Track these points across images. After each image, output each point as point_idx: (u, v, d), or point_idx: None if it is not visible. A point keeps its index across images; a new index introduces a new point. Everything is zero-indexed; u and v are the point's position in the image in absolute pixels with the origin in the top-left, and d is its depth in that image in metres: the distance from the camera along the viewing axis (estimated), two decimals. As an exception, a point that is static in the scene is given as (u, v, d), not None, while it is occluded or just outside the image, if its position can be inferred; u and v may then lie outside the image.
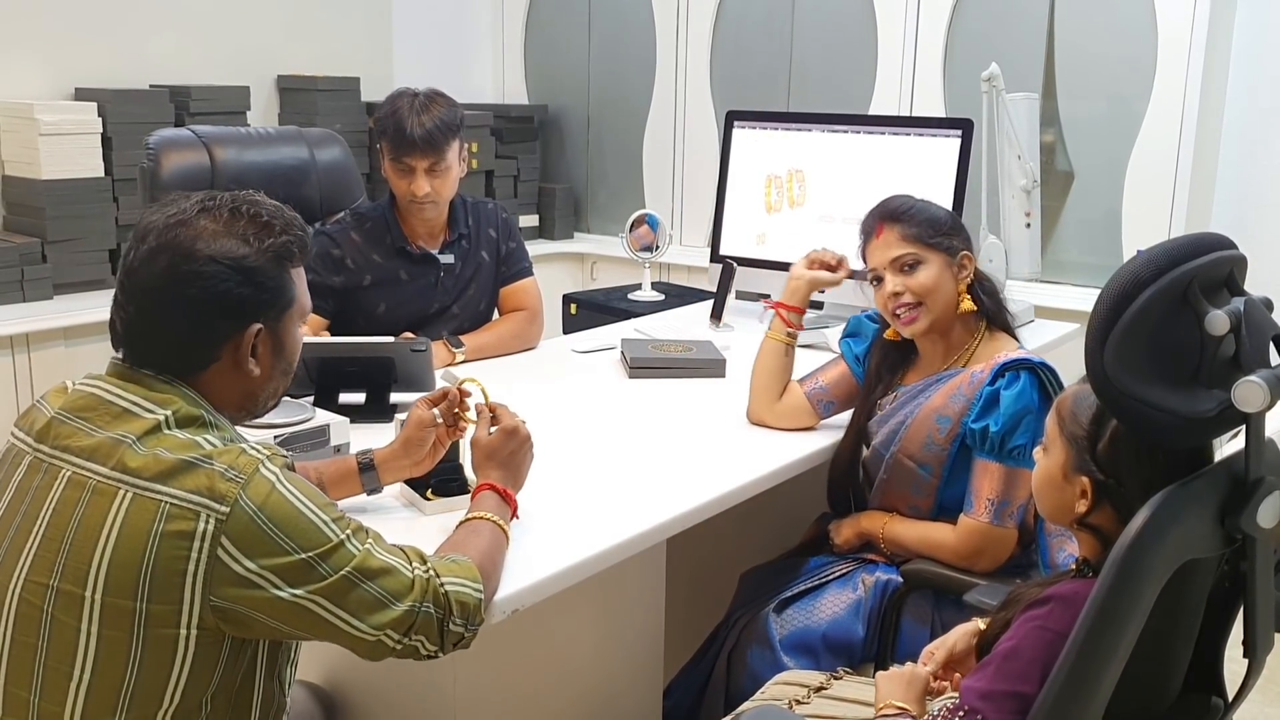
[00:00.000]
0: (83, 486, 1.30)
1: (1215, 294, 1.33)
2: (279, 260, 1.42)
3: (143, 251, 1.37)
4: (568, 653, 2.05)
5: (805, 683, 1.88)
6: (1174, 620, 1.40)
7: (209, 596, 1.27)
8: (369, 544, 1.37)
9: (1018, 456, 2.02)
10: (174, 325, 1.37)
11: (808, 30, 4.50)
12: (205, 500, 1.27)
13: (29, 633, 1.29)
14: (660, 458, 2.19)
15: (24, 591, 1.29)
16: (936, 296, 2.15)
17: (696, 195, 4.81)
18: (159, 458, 1.29)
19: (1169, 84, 3.68)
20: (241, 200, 1.43)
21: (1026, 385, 2.03)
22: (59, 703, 1.28)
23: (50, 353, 3.42)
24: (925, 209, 2.20)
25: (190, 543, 1.26)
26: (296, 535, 1.30)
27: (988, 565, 2.05)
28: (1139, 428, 1.33)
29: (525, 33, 5.32)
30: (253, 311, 1.41)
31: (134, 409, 1.34)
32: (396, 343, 2.42)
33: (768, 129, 3.47)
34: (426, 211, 2.75)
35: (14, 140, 3.68)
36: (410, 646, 1.38)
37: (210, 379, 1.41)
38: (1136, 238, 3.75)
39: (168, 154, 2.81)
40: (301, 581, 1.30)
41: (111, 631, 1.26)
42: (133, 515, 1.27)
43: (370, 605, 1.34)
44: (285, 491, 1.31)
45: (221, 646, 1.31)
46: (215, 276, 1.36)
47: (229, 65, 4.31)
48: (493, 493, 1.66)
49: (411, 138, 2.64)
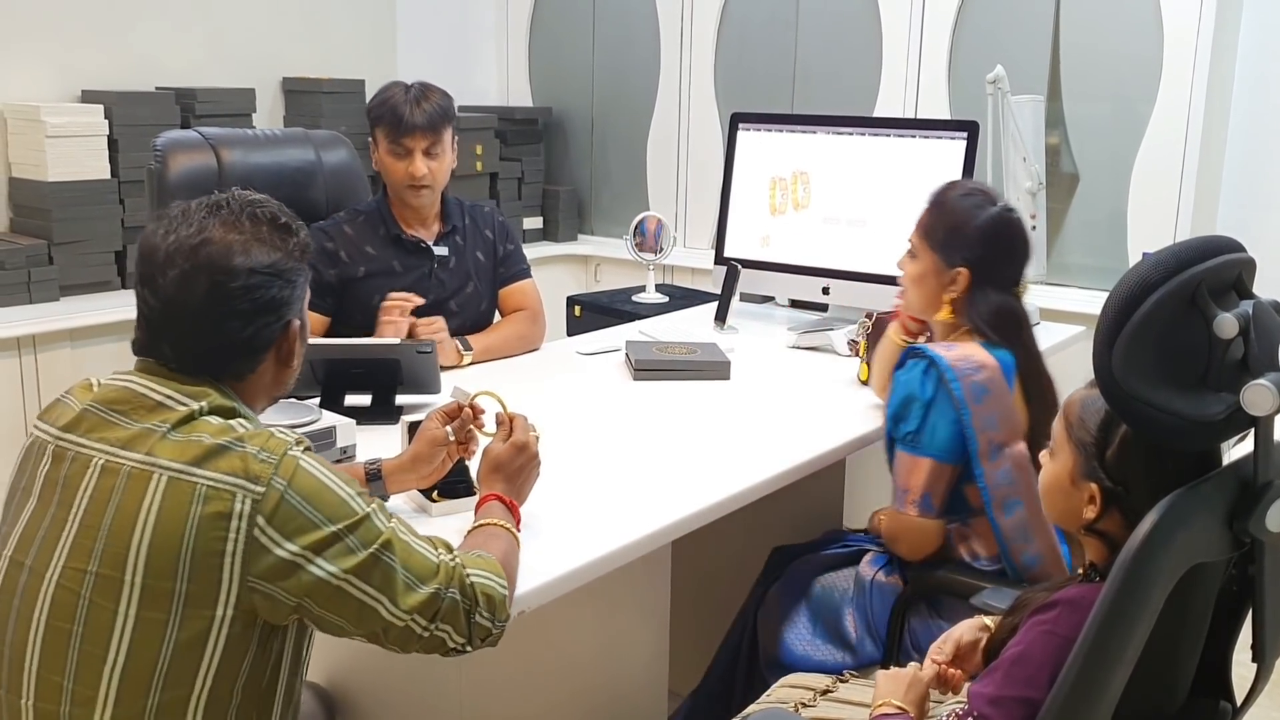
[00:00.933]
0: (117, 473, 1.32)
1: (1224, 297, 1.33)
2: (303, 256, 1.47)
3: (174, 276, 1.37)
4: (574, 655, 2.04)
5: (811, 686, 1.89)
6: (1181, 624, 1.39)
7: (247, 577, 1.30)
8: (394, 523, 1.40)
9: (911, 443, 2.06)
10: (227, 339, 1.41)
11: (812, 32, 4.50)
12: (240, 481, 1.30)
13: (64, 618, 1.31)
14: (665, 460, 2.18)
15: (61, 578, 1.31)
16: (914, 291, 2.22)
17: (701, 197, 4.81)
18: (192, 443, 1.32)
19: (1174, 86, 3.68)
20: (247, 204, 1.45)
21: (917, 371, 2.07)
22: (92, 685, 1.29)
23: (56, 354, 3.43)
24: (955, 209, 2.17)
25: (228, 523, 1.29)
26: (324, 508, 1.33)
27: (905, 552, 2.10)
28: (1147, 430, 1.33)
29: (530, 35, 5.32)
30: (289, 309, 1.46)
31: (168, 402, 1.37)
32: (402, 344, 2.42)
33: (772, 131, 3.47)
34: (423, 196, 2.77)
35: (21, 142, 3.69)
36: (438, 637, 1.40)
37: (256, 378, 1.46)
38: (1142, 240, 3.75)
39: (175, 156, 2.82)
40: (333, 556, 1.32)
41: (149, 613, 1.29)
42: (169, 499, 1.29)
43: (398, 585, 1.36)
44: (311, 468, 1.35)
45: (252, 634, 1.33)
46: (260, 286, 1.40)
47: (234, 67, 4.31)
48: (499, 503, 1.68)
49: (411, 120, 2.70)
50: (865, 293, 3.20)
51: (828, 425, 2.39)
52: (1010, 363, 2.08)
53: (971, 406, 2.02)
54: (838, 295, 3.31)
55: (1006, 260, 2.16)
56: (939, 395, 2.04)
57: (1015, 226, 2.16)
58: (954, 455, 2.05)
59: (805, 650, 2.18)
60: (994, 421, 2.02)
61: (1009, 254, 2.16)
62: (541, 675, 1.98)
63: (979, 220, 2.13)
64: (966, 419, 2.02)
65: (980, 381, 2.03)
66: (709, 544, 2.21)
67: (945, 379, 2.03)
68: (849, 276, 3.27)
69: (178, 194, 2.78)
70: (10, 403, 3.34)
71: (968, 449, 2.03)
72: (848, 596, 2.18)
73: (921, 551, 2.09)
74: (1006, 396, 2.05)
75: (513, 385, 2.52)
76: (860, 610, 2.14)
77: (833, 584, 2.22)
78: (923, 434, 2.05)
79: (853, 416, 2.45)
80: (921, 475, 2.05)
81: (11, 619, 1.34)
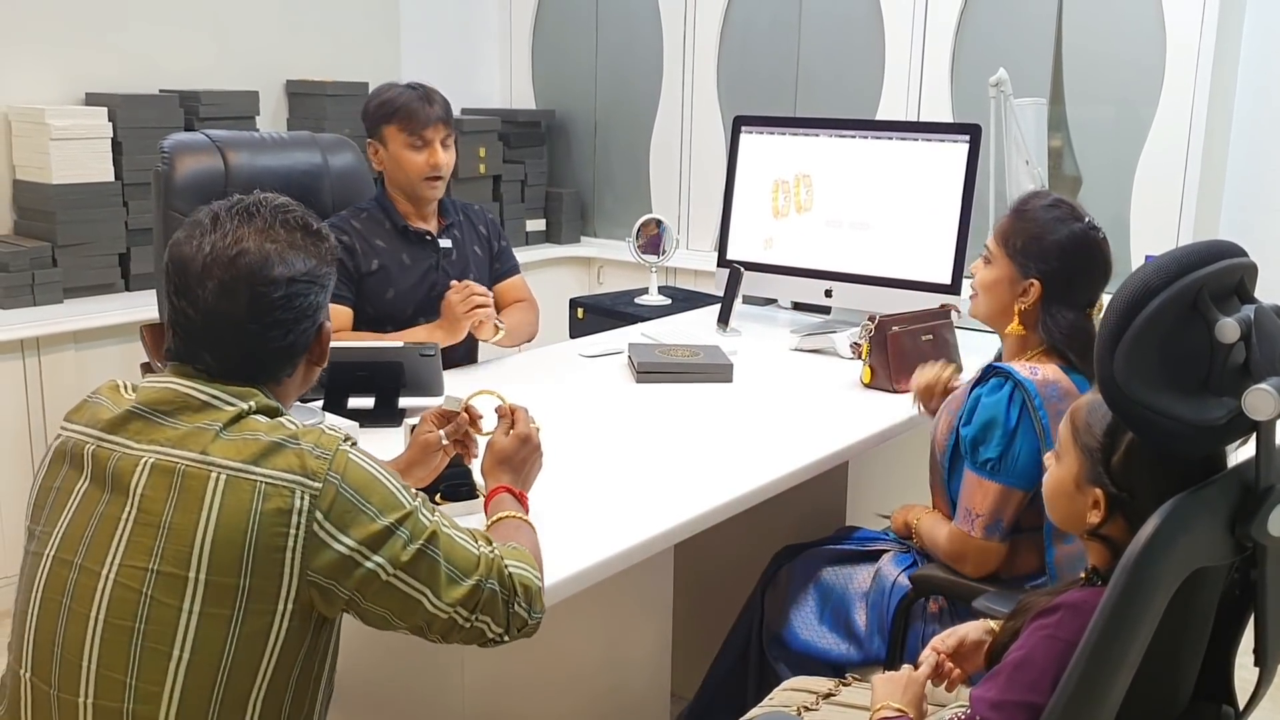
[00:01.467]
0: (171, 472, 1.34)
1: (1225, 301, 1.33)
2: (333, 260, 1.50)
3: (213, 288, 1.39)
4: (576, 658, 2.05)
5: (814, 689, 1.89)
6: (1184, 628, 1.39)
7: (306, 571, 1.33)
8: (438, 516, 1.43)
9: (990, 470, 2.00)
10: (268, 346, 1.43)
11: (815, 35, 4.50)
12: (299, 478, 1.33)
13: (125, 615, 1.32)
14: (668, 463, 2.19)
15: (119, 576, 1.33)
16: (985, 299, 2.15)
17: (703, 199, 4.81)
18: (248, 441, 1.35)
19: (1177, 89, 3.68)
20: (277, 210, 1.46)
21: (1003, 395, 2.01)
22: (157, 682, 1.31)
23: (60, 356, 3.43)
24: (1037, 219, 2.09)
25: (288, 519, 1.32)
26: (375, 500, 1.36)
27: (972, 572, 2.05)
28: (1148, 435, 1.33)
29: (533, 37, 5.33)
30: (322, 311, 1.49)
31: (215, 402, 1.39)
32: (405, 347, 2.43)
33: (775, 134, 3.47)
34: (438, 189, 2.85)
35: (25, 145, 3.69)
36: (477, 628, 1.42)
37: (290, 380, 1.49)
38: (1144, 243, 3.75)
39: (182, 158, 2.83)
40: (386, 550, 1.35)
41: (214, 609, 1.31)
42: (229, 497, 1.32)
43: (442, 578, 1.39)
44: (362, 462, 1.39)
45: (308, 627, 1.37)
46: (299, 294, 1.43)
47: (238, 70, 4.32)
48: (509, 495, 1.71)
49: (428, 113, 2.79)
50: (868, 295, 3.21)
51: (830, 428, 2.39)
52: (1087, 390, 2.04)
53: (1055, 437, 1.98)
54: (840, 298, 3.31)
55: (1083, 279, 2.07)
56: (1023, 421, 1.98)
57: (1096, 245, 2.07)
58: (1030, 483, 1.97)
59: (810, 636, 2.18)
60: None
61: (1086, 273, 2.07)
62: (544, 677, 1.99)
63: (1059, 234, 2.06)
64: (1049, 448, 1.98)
65: (1065, 410, 2.00)
66: (712, 546, 2.22)
67: (1031, 405, 1.98)
68: (851, 279, 3.27)
69: (184, 196, 2.79)
70: (14, 405, 3.35)
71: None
72: (862, 591, 2.18)
73: (986, 570, 2.04)
74: None
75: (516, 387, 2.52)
76: (875, 608, 2.14)
77: (846, 576, 2.22)
78: (1004, 461, 1.99)
79: (855, 419, 2.45)
80: (993, 500, 2.00)
81: (63, 617, 1.35)
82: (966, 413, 2.06)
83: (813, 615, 2.20)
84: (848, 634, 2.16)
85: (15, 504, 3.37)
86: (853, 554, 2.28)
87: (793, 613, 2.21)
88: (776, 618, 2.24)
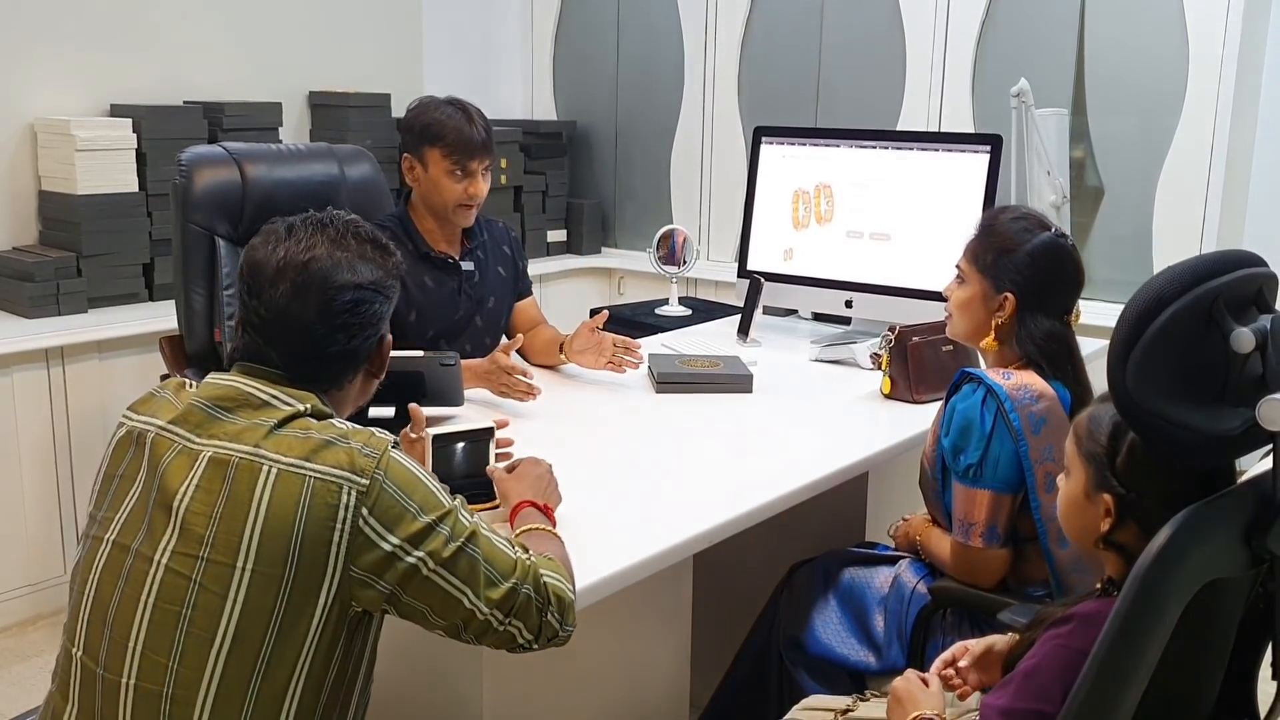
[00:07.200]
0: (226, 464, 1.38)
1: (1243, 311, 1.32)
2: (399, 275, 1.59)
3: (284, 290, 1.46)
4: (595, 667, 2.05)
5: (831, 707, 1.88)
6: (1203, 641, 1.39)
7: (350, 567, 1.37)
8: (477, 519, 1.47)
9: (974, 477, 2.01)
10: (333, 349, 1.49)
11: (836, 45, 4.50)
12: (347, 474, 1.37)
13: (174, 601, 1.36)
14: (688, 473, 2.19)
15: (171, 562, 1.37)
16: (961, 317, 2.18)
17: (724, 210, 4.82)
18: (299, 438, 1.40)
19: (1200, 99, 3.66)
20: (348, 223, 1.55)
21: (976, 400, 2.02)
22: (198, 668, 1.34)
23: (84, 366, 3.46)
24: (1004, 233, 2.12)
25: (335, 514, 1.36)
26: (418, 498, 1.40)
27: (983, 581, 2.05)
28: (1161, 445, 1.33)
29: (554, 48, 5.35)
30: (384, 323, 1.56)
31: (274, 401, 1.45)
32: (426, 357, 2.44)
33: (795, 144, 3.48)
34: (469, 217, 2.80)
35: (51, 155, 3.73)
36: (509, 631, 1.45)
37: (350, 387, 1.55)
38: (1167, 254, 3.73)
39: (199, 171, 2.85)
40: (428, 546, 1.39)
41: (258, 599, 1.35)
42: (279, 490, 1.36)
43: (480, 578, 1.42)
44: (406, 463, 1.43)
45: (344, 624, 1.39)
46: (367, 301, 1.50)
47: (262, 82, 4.35)
48: (534, 508, 1.74)
49: (475, 142, 2.71)
50: (888, 306, 3.20)
51: (851, 439, 2.39)
52: (1067, 396, 2.04)
53: (1029, 438, 1.97)
54: (860, 308, 3.31)
55: (1056, 286, 2.09)
56: (998, 425, 1.99)
57: (1066, 252, 2.10)
58: (1015, 486, 2.00)
59: (831, 641, 2.18)
60: (1051, 453, 1.97)
61: (1058, 280, 2.09)
62: (563, 687, 1.99)
63: (1029, 244, 2.08)
64: (1024, 451, 1.97)
65: (1038, 412, 1.99)
66: (731, 557, 2.22)
67: (1004, 409, 1.99)
68: (872, 290, 3.27)
69: (202, 208, 2.82)
70: (39, 413, 3.38)
71: (1025, 481, 1.99)
72: (881, 595, 2.17)
73: (995, 577, 2.04)
74: (1065, 427, 2.01)
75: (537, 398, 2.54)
76: (894, 615, 2.13)
77: (866, 578, 2.21)
78: (984, 467, 2.00)
79: (876, 430, 2.45)
80: (984, 508, 2.01)
81: (115, 599, 1.39)
82: (946, 423, 2.08)
83: (834, 618, 2.19)
84: (866, 639, 2.15)
85: (41, 510, 3.40)
86: (872, 557, 2.28)
87: (815, 617, 2.21)
88: (795, 621, 2.23)
